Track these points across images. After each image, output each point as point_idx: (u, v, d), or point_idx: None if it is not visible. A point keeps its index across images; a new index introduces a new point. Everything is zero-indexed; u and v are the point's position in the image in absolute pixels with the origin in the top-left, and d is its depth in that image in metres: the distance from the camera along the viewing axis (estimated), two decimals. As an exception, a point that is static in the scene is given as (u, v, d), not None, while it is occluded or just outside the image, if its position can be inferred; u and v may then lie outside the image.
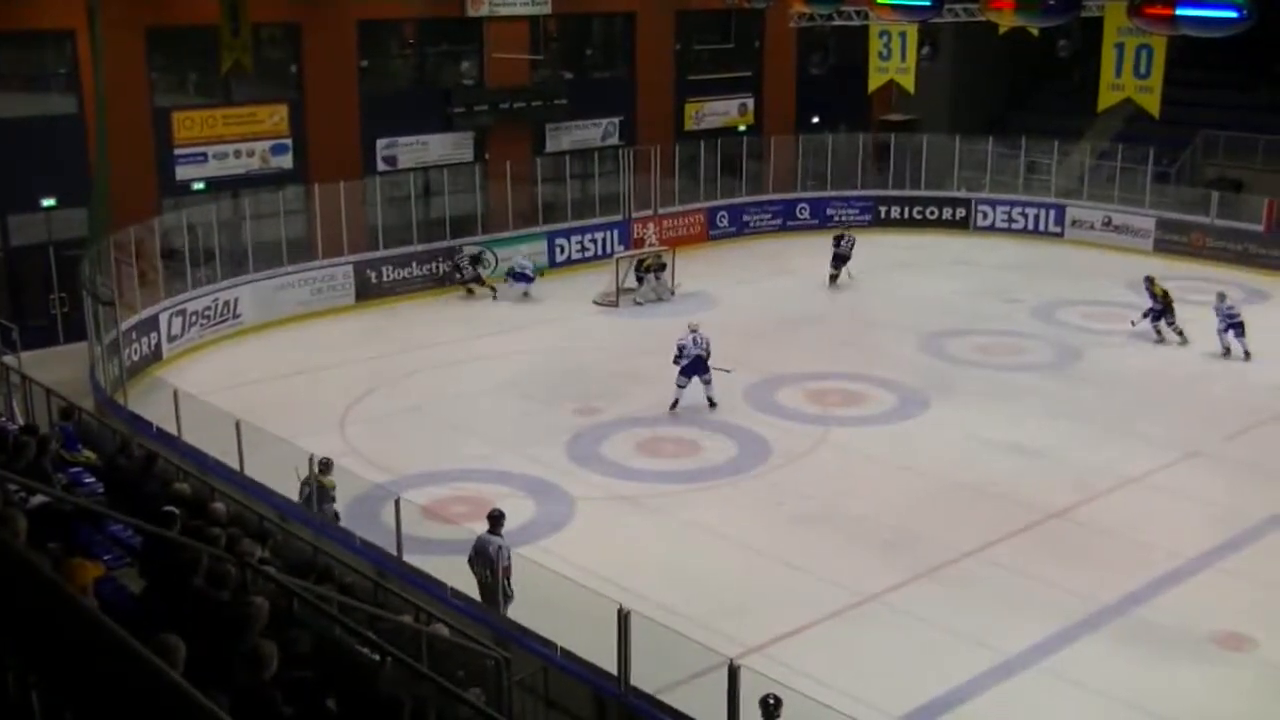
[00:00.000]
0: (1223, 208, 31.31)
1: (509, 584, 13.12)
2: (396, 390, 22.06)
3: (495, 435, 19.65)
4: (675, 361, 20.76)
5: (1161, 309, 24.55)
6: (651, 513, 17.24)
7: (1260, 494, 17.47)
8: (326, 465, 15.19)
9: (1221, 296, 23.82)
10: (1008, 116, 37.51)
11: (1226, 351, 23.45)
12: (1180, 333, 24.41)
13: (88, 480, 12.38)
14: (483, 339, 24.96)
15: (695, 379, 20.67)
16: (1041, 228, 33.74)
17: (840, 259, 29.56)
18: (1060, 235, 33.38)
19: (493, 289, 28.19)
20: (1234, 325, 23.32)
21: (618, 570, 14.43)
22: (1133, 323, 24.90)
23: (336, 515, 15.04)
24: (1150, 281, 24.84)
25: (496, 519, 13.55)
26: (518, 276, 28.19)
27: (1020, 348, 24.44)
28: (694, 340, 20.69)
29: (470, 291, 28.22)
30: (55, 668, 3.29)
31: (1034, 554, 15.75)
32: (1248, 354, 23.20)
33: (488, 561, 13.21)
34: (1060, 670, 13.22)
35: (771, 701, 10.14)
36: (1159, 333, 24.54)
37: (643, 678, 11.22)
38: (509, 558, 13.26)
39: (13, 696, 3.53)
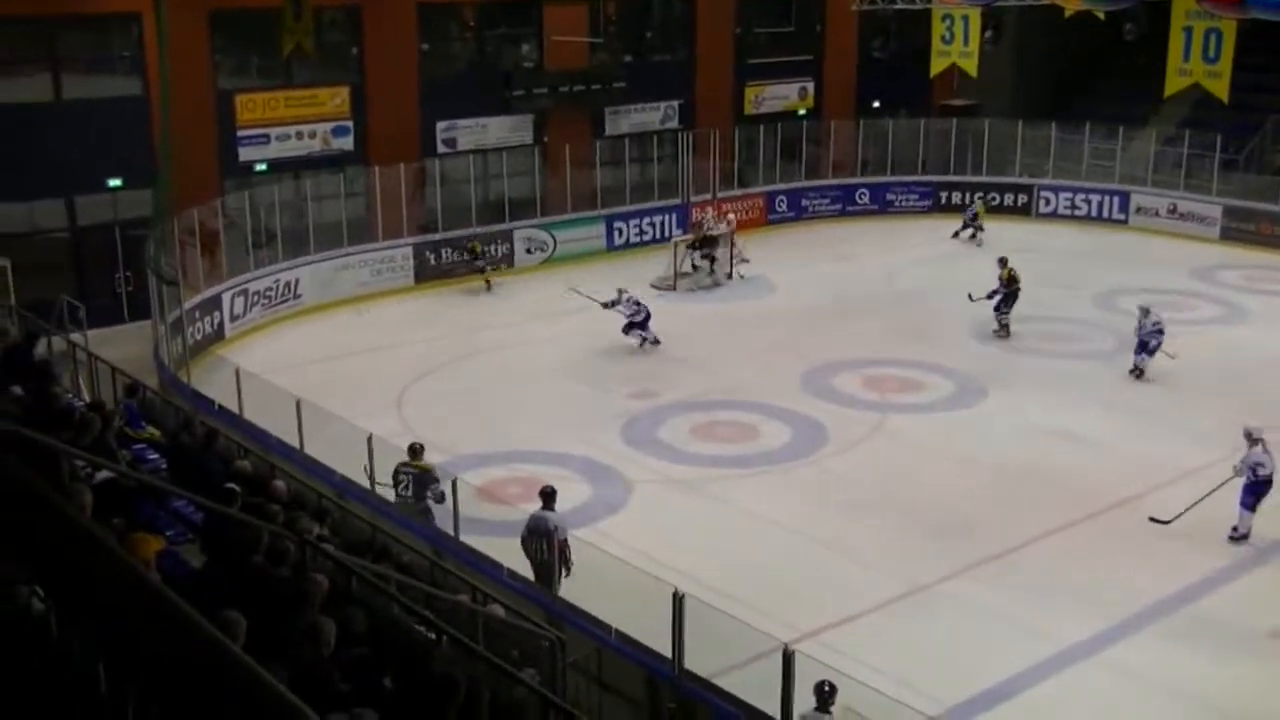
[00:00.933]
0: (1292, 195, 30.79)
1: (569, 555, 13.22)
2: (453, 371, 22.19)
3: (551, 418, 19.71)
4: (631, 323, 23.12)
5: (1005, 294, 23.63)
6: (707, 497, 17.24)
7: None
8: (419, 449, 14.98)
9: (1145, 311, 21.34)
10: (1071, 101, 37.00)
11: (1139, 373, 21.52)
12: (1005, 326, 23.62)
13: (151, 456, 12.55)
14: (539, 321, 25.03)
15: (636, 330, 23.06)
16: (1105, 214, 33.32)
17: (964, 223, 31.24)
18: (1124, 222, 32.96)
19: (488, 283, 27.74)
20: (1158, 346, 21.16)
21: (672, 553, 14.44)
22: (970, 296, 23.75)
23: (443, 496, 14.46)
24: (1002, 263, 23.95)
25: (549, 495, 13.63)
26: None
27: (1080, 336, 24.17)
28: (630, 300, 23.20)
29: (489, 285, 27.74)
30: (120, 639, 3.35)
31: (1092, 545, 15.61)
32: (1140, 371, 21.41)
33: (544, 537, 13.29)
34: (1117, 662, 13.11)
35: (827, 689, 10.15)
36: (999, 323, 23.77)
37: (696, 661, 11.24)
38: (565, 533, 13.39)
39: (79, 667, 3.61)
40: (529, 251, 29.14)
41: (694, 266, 27.72)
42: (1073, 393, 20.93)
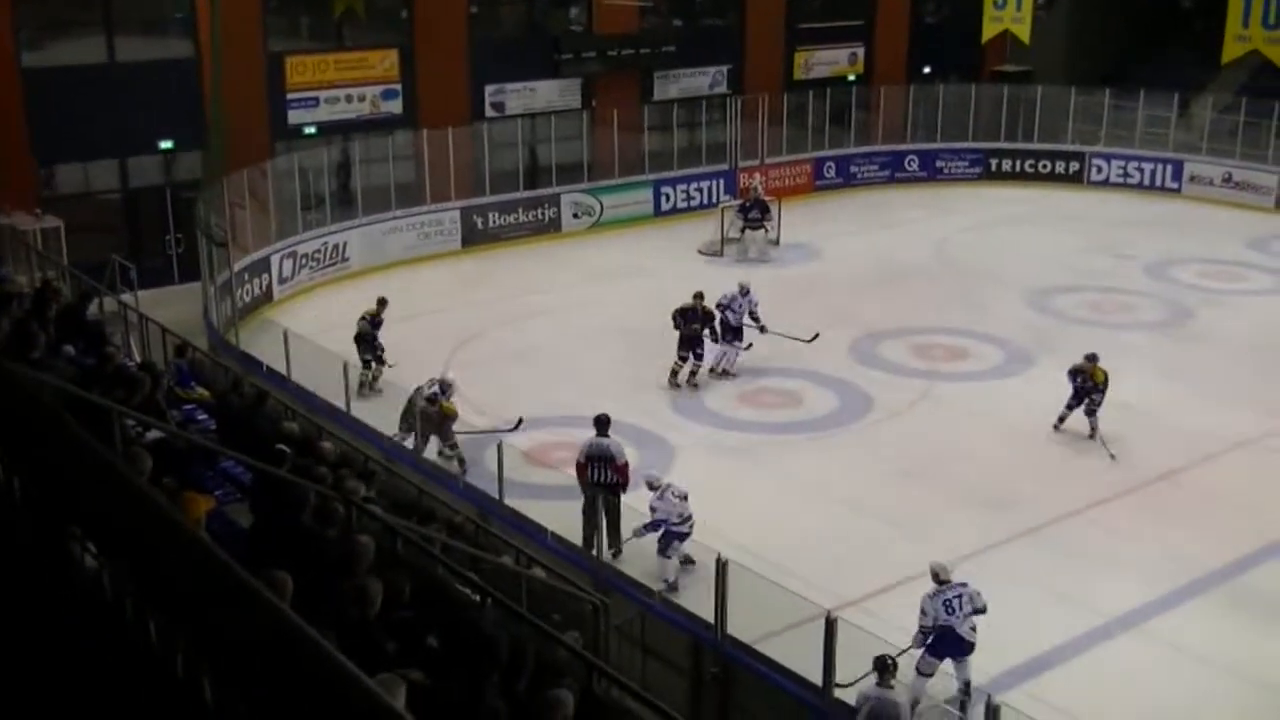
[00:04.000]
0: (1351, 165, 30.24)
1: (629, 477, 13.87)
2: (500, 336, 22.23)
3: (597, 383, 19.70)
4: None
5: None
6: (752, 464, 17.24)
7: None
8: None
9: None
10: (1126, 68, 36.46)
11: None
12: None
13: (200, 417, 12.70)
14: (587, 287, 25.02)
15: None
16: (1158, 183, 32.84)
17: None
18: (1178, 191, 32.48)
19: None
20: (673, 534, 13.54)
21: (716, 520, 14.43)
22: None
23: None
24: None
25: (605, 422, 14.11)
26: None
27: (1131, 305, 23.92)
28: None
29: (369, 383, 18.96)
30: (170, 596, 3.40)
31: (1139, 516, 15.50)
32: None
33: (606, 461, 13.79)
34: (1162, 634, 13.04)
35: (890, 663, 10.15)
36: None
37: (739, 627, 11.28)
38: (625, 456, 14.01)
39: (130, 621, 3.66)
40: (575, 216, 29.11)
41: (741, 232, 27.51)
42: (1123, 362, 20.64)
